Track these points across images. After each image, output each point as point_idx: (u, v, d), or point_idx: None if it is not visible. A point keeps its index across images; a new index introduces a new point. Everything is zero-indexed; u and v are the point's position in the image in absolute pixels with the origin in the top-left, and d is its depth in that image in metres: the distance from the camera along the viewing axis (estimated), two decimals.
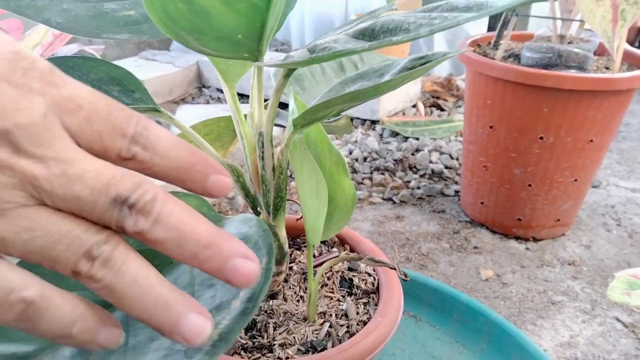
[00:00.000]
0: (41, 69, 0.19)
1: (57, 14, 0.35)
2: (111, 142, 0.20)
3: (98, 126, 0.19)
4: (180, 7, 0.24)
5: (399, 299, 0.44)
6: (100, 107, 0.20)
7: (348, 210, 0.43)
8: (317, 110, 0.34)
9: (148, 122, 0.21)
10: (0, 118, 0.17)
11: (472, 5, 0.20)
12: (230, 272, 0.20)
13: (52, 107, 0.19)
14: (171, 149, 0.21)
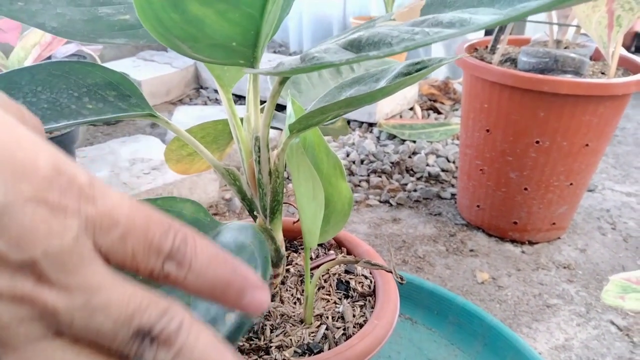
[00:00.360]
0: (81, 183, 0.18)
1: (51, 18, 0.35)
2: (144, 261, 0.19)
3: (132, 245, 0.18)
4: (173, 17, 0.24)
5: (395, 302, 0.44)
6: (138, 223, 0.19)
7: (345, 214, 0.43)
8: (313, 115, 0.34)
9: (187, 235, 0.20)
10: (28, 246, 0.16)
11: (455, 21, 0.20)
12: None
13: (85, 227, 0.17)
14: (208, 267, 0.20)
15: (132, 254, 0.18)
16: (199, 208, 0.36)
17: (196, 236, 0.20)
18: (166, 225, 0.19)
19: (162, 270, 0.19)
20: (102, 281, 0.18)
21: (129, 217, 0.18)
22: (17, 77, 0.36)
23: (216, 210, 1.14)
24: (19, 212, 0.16)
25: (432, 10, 0.31)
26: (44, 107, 0.36)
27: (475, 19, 0.20)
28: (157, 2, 0.23)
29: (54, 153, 0.17)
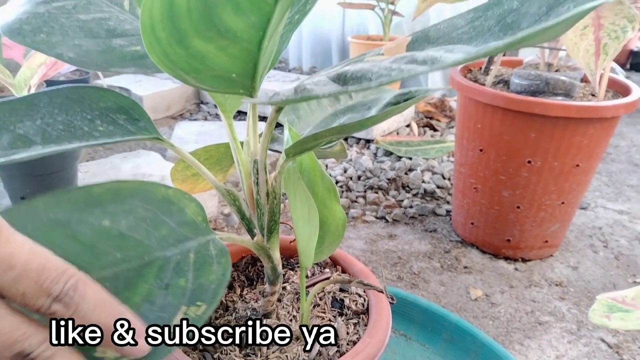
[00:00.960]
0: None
1: (69, 49, 0.37)
2: (32, 301, 0.22)
3: (24, 287, 0.22)
4: (178, 52, 0.26)
5: (387, 320, 0.46)
6: (32, 268, 0.22)
7: (339, 235, 0.45)
8: (307, 141, 0.36)
9: (79, 282, 0.24)
10: None
11: (427, 59, 0.22)
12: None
13: None
14: (93, 312, 0.24)
15: (22, 294, 0.22)
16: (200, 212, 0.38)
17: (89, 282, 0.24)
18: (60, 270, 0.23)
19: (50, 308, 0.23)
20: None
21: (26, 262, 0.22)
22: (37, 100, 0.39)
23: (215, 225, 1.15)
24: None
25: (417, 46, 0.33)
26: (60, 128, 0.38)
27: (445, 57, 0.22)
28: (164, 39, 0.26)
29: None
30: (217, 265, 0.31)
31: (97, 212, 0.31)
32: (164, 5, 0.21)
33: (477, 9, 0.32)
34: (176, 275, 0.30)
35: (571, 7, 0.24)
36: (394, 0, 1.92)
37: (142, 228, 0.31)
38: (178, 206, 0.35)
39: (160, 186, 0.34)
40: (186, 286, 0.29)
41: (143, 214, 0.32)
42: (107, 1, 0.44)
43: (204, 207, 0.36)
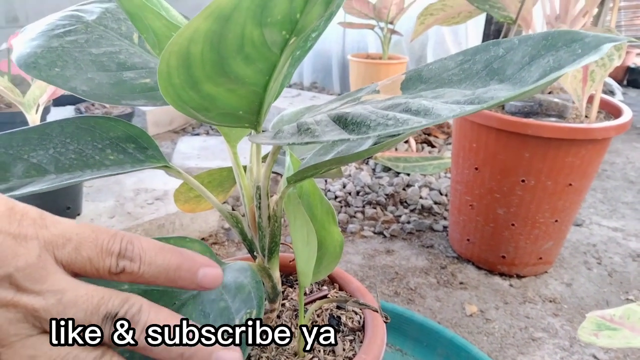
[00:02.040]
0: (32, 216, 0.23)
1: (82, 83, 0.40)
2: (100, 262, 0.24)
3: (87, 252, 0.24)
4: (191, 94, 0.29)
5: (382, 337, 0.48)
6: (86, 235, 0.24)
7: (336, 256, 0.48)
8: (308, 170, 0.38)
9: (133, 237, 0.25)
10: (2, 265, 0.22)
11: (420, 110, 0.25)
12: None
13: (45, 247, 0.23)
14: (157, 256, 0.25)
15: (88, 259, 0.24)
16: (205, 248, 0.40)
17: (140, 237, 0.26)
18: (112, 233, 0.25)
19: (118, 266, 0.24)
20: (67, 284, 0.23)
21: (78, 233, 0.24)
22: (49, 130, 0.41)
23: (216, 240, 1.17)
24: None
25: (410, 85, 0.36)
26: (72, 157, 0.40)
27: (437, 109, 0.25)
28: (178, 84, 0.28)
29: (6, 199, 0.23)
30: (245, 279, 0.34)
31: (113, 282, 0.33)
32: (181, 56, 0.24)
33: (466, 52, 0.34)
34: (212, 303, 0.32)
35: (550, 61, 0.26)
36: (393, 20, 1.96)
37: None
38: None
39: (160, 240, 0.37)
40: (227, 305, 0.31)
41: None
42: (118, 35, 0.47)
43: (208, 247, 0.39)
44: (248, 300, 0.31)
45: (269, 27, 0.22)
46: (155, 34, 0.29)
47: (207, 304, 0.32)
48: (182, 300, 0.33)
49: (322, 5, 0.23)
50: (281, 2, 0.21)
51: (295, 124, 0.34)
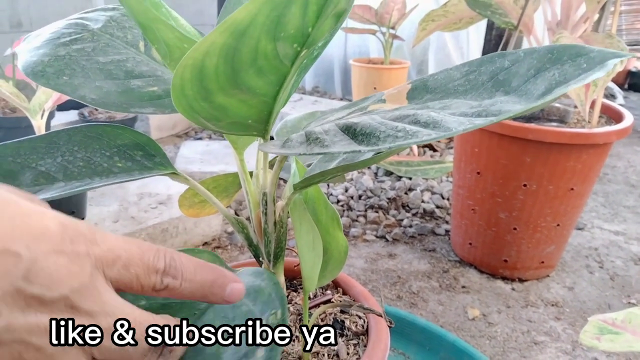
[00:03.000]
0: (84, 232, 0.23)
1: (91, 91, 0.40)
2: (146, 280, 0.25)
3: (135, 270, 0.25)
4: (202, 105, 0.30)
5: (385, 341, 0.49)
6: (134, 253, 0.25)
7: (341, 261, 0.48)
8: (313, 177, 0.39)
9: (174, 253, 0.26)
10: (58, 286, 0.22)
11: (429, 122, 0.25)
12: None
13: (96, 265, 0.23)
14: (196, 274, 0.26)
15: (136, 277, 0.25)
16: (215, 257, 0.41)
17: (179, 253, 0.27)
18: (155, 250, 0.26)
19: (162, 283, 0.25)
20: (116, 306, 0.24)
21: (126, 250, 0.25)
22: (56, 138, 0.42)
23: (219, 244, 1.18)
24: (44, 263, 0.21)
25: (416, 94, 0.36)
26: (80, 165, 0.41)
27: (446, 121, 0.25)
28: (191, 95, 0.29)
29: (56, 214, 0.23)
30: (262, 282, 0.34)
31: (129, 298, 0.34)
32: (195, 69, 0.24)
33: (471, 62, 0.35)
34: (234, 308, 0.32)
35: (556, 74, 0.27)
36: (395, 25, 1.97)
37: None
38: None
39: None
40: (250, 309, 0.32)
41: None
42: (124, 43, 0.48)
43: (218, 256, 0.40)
44: (269, 301, 0.32)
45: (282, 41, 0.23)
46: (167, 45, 0.30)
47: (228, 310, 0.33)
48: (202, 310, 0.34)
49: (333, 18, 0.23)
50: (294, 18, 0.21)
51: (304, 132, 0.35)
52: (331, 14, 0.23)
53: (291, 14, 0.22)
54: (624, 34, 3.05)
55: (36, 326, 0.21)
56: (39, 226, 0.22)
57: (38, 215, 0.22)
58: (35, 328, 0.21)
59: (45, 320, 0.22)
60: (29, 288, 0.21)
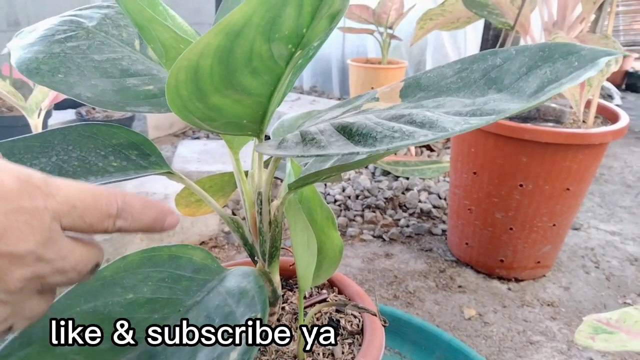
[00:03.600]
0: (39, 185, 0.25)
1: (86, 89, 0.40)
2: (100, 225, 0.27)
3: (89, 219, 0.26)
4: (197, 105, 0.30)
5: (380, 341, 0.49)
6: (88, 201, 0.26)
7: (336, 260, 0.48)
8: (308, 177, 0.39)
9: (125, 196, 0.29)
10: (25, 241, 0.23)
11: (425, 122, 0.25)
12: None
13: (53, 217, 0.25)
14: (143, 214, 0.29)
15: (89, 224, 0.27)
16: (207, 255, 0.41)
17: (129, 194, 0.29)
18: (106, 195, 0.28)
19: (114, 226, 0.28)
20: (68, 252, 0.26)
21: (81, 200, 0.26)
22: (51, 137, 0.42)
23: (216, 243, 1.18)
24: (7, 222, 0.23)
25: (410, 92, 0.36)
26: (75, 164, 0.41)
27: (442, 121, 0.26)
28: (186, 96, 0.29)
29: (10, 167, 0.24)
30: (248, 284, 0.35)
31: (118, 291, 0.34)
32: (189, 70, 0.24)
33: (463, 60, 0.35)
34: (217, 309, 0.33)
35: (547, 72, 0.27)
36: (392, 24, 1.97)
37: (165, 287, 0.35)
38: (185, 258, 0.38)
39: (163, 248, 0.38)
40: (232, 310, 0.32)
41: (159, 276, 0.36)
42: (119, 41, 0.48)
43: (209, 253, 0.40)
44: (252, 304, 0.32)
45: (277, 41, 0.23)
46: (162, 45, 0.30)
47: (212, 309, 0.33)
48: (186, 307, 0.34)
49: (327, 19, 0.23)
50: (289, 19, 0.21)
51: (299, 132, 0.35)
52: (326, 15, 0.23)
53: (286, 15, 0.22)
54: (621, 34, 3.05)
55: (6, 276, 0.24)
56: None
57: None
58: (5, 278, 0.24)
59: (15, 274, 0.24)
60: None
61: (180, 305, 0.34)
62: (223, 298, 0.34)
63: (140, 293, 0.34)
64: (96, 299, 0.33)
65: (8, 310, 0.24)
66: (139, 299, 0.34)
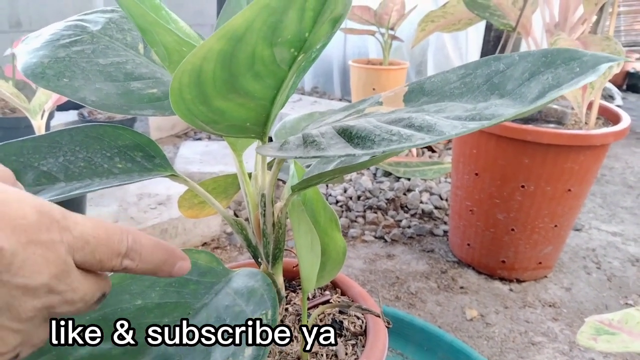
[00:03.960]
0: (57, 219, 0.25)
1: (91, 93, 0.41)
2: (108, 263, 0.27)
3: (99, 255, 0.27)
4: (201, 108, 0.30)
5: (383, 342, 0.49)
6: (101, 237, 0.27)
7: (339, 262, 0.49)
8: (311, 179, 0.39)
9: (136, 235, 0.29)
10: (39, 275, 0.24)
11: (423, 126, 0.26)
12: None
13: (68, 250, 0.25)
14: (152, 255, 0.29)
15: (99, 261, 0.27)
16: (212, 258, 0.41)
17: (141, 234, 0.29)
18: (119, 233, 0.28)
19: (121, 265, 0.28)
20: (79, 285, 0.26)
21: (95, 236, 0.27)
22: (59, 138, 0.42)
23: (218, 244, 1.18)
24: (24, 254, 0.23)
25: (413, 97, 0.37)
26: (81, 165, 0.41)
27: (439, 125, 0.26)
28: (189, 99, 0.29)
29: (33, 199, 0.25)
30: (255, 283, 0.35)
31: (126, 298, 0.35)
32: (193, 74, 0.25)
33: (467, 66, 0.35)
34: (227, 309, 0.33)
35: (549, 78, 0.27)
36: (394, 26, 1.97)
37: (172, 292, 0.35)
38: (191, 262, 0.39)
39: None
40: (242, 309, 0.33)
41: (165, 281, 0.36)
42: (123, 45, 0.48)
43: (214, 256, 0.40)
44: (261, 302, 0.32)
45: (279, 46, 0.23)
46: (165, 49, 0.30)
47: (221, 310, 0.33)
48: (196, 309, 0.34)
49: (329, 23, 0.24)
50: (291, 23, 0.22)
51: (301, 135, 0.35)
52: (328, 19, 0.24)
53: (288, 19, 0.22)
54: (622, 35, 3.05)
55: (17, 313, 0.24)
56: (17, 215, 0.23)
57: (16, 203, 0.24)
58: (16, 315, 0.24)
59: (28, 305, 0.24)
60: (13, 280, 0.23)
61: (190, 309, 0.34)
62: (232, 298, 0.35)
63: (149, 299, 0.34)
64: (105, 307, 0.34)
65: (19, 339, 0.25)
66: (148, 305, 0.34)
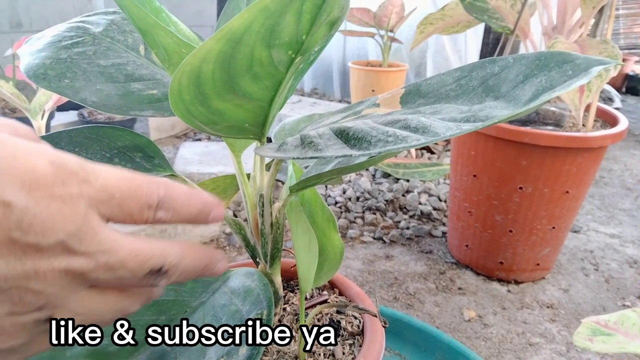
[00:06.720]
0: (75, 170, 0.22)
1: (92, 94, 0.41)
2: (139, 216, 0.25)
3: (129, 208, 0.24)
4: (200, 109, 0.30)
5: (380, 342, 0.49)
6: (127, 190, 0.24)
7: (337, 262, 0.49)
8: (309, 180, 0.40)
9: (168, 185, 0.26)
10: (52, 232, 0.21)
11: (419, 127, 0.26)
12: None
13: (89, 204, 0.23)
14: (184, 205, 0.27)
15: (129, 214, 0.24)
16: None
17: (173, 184, 0.27)
18: (148, 184, 0.25)
19: (155, 217, 0.25)
20: (113, 244, 0.23)
21: (119, 188, 0.24)
22: (58, 139, 0.42)
23: (217, 244, 1.19)
24: (37, 210, 0.21)
25: (410, 99, 0.37)
26: None
27: (435, 127, 0.26)
28: (188, 100, 0.30)
29: (45, 151, 0.22)
30: (252, 282, 0.35)
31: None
32: (192, 75, 0.25)
33: (463, 68, 0.36)
34: (223, 308, 0.33)
35: (543, 80, 0.28)
36: (393, 28, 1.98)
37: (170, 290, 0.36)
38: None
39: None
40: (238, 309, 0.33)
41: None
42: (124, 47, 0.48)
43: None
44: (257, 302, 0.33)
45: (277, 48, 0.24)
46: (165, 50, 0.31)
47: (218, 308, 0.34)
48: (193, 308, 0.35)
49: (326, 26, 0.24)
50: (288, 26, 0.22)
51: (299, 136, 0.35)
52: (325, 22, 0.24)
53: (285, 22, 0.22)
54: (621, 37, 3.06)
55: (34, 272, 0.21)
56: (28, 169, 0.21)
57: (25, 156, 0.21)
58: (33, 274, 0.21)
59: (44, 265, 0.22)
60: (24, 237, 0.21)
61: (187, 307, 0.35)
62: (229, 297, 0.35)
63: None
64: None
65: (43, 300, 0.22)
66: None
